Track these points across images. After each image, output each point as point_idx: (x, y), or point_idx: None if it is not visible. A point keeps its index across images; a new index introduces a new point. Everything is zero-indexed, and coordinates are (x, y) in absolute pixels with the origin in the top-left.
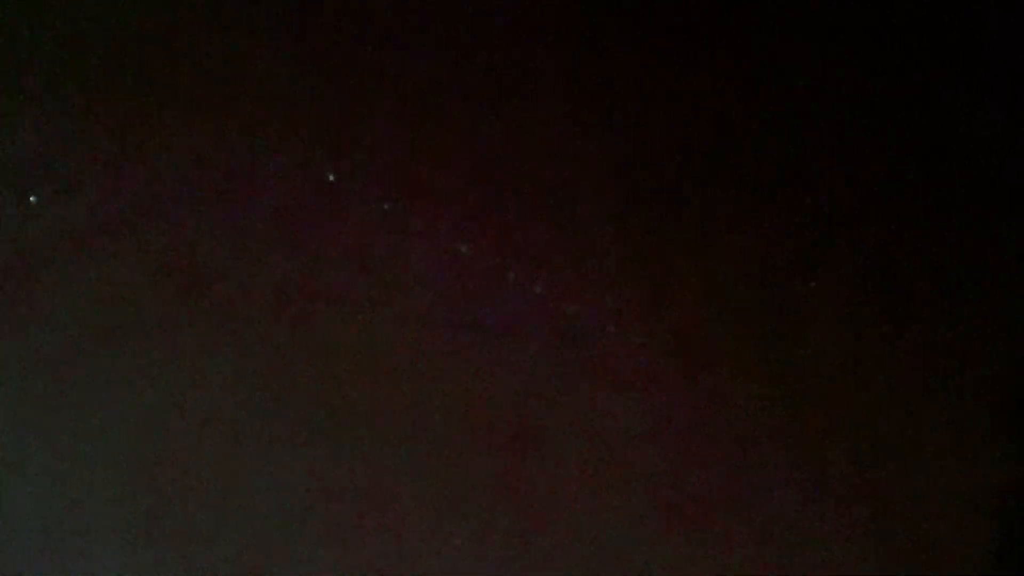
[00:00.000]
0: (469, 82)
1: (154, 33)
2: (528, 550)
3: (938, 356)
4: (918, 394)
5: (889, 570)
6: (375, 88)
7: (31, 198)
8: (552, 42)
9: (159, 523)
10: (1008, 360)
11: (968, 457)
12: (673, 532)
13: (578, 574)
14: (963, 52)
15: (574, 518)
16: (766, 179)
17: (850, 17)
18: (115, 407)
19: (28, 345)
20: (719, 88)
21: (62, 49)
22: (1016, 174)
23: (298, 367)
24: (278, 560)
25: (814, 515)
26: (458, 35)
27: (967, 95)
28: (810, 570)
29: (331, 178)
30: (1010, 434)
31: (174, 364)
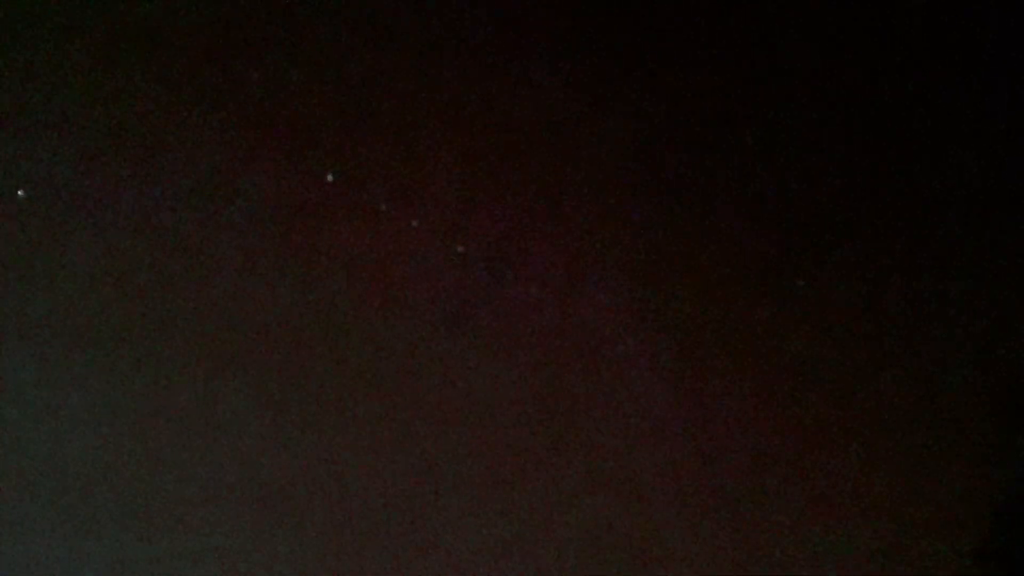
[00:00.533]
0: (469, 82)
1: (154, 33)
2: (527, 548)
3: (937, 356)
4: (916, 393)
5: (887, 570)
6: (375, 88)
7: (19, 192)
8: (552, 42)
9: (156, 518)
10: (1008, 360)
11: (968, 457)
12: (674, 531)
13: (577, 572)
14: (963, 52)
15: (573, 516)
16: (765, 179)
17: (850, 17)
18: (110, 404)
19: (22, 341)
20: (719, 88)
21: (61, 49)
22: (1016, 174)
23: (297, 365)
24: (277, 559)
25: (812, 514)
26: (458, 35)
27: (967, 95)
28: (809, 569)
29: (331, 178)
30: (1010, 434)
31: (171, 362)
